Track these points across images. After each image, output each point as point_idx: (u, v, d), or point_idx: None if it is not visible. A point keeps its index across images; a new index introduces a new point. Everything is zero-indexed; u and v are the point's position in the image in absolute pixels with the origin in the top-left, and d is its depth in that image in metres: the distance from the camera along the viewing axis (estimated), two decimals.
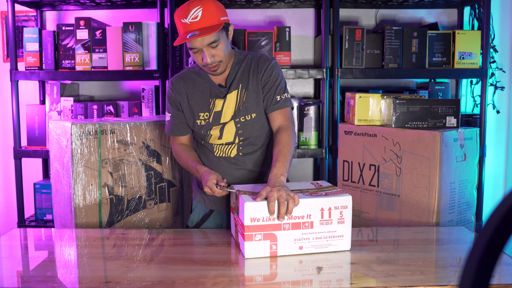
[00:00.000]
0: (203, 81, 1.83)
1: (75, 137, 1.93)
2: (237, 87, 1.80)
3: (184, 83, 1.84)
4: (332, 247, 1.53)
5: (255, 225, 1.47)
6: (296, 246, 1.50)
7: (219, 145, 1.83)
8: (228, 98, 1.80)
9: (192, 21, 1.63)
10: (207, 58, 1.68)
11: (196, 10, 1.63)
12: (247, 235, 1.47)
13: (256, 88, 1.80)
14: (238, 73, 1.81)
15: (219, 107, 1.80)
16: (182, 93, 1.83)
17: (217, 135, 1.82)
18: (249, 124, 1.80)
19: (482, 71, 2.70)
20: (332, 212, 1.52)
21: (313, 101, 2.78)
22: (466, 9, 3.01)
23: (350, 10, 3.03)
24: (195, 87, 1.83)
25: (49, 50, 2.74)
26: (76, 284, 1.36)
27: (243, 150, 1.83)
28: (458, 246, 1.71)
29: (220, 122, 1.81)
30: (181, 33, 1.68)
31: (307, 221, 1.50)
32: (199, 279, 1.35)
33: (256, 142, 1.84)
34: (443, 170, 2.03)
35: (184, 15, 1.64)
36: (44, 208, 2.85)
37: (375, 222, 2.25)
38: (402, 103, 2.17)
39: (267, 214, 1.47)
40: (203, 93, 1.82)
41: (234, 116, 1.80)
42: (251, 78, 1.80)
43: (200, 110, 1.82)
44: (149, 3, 2.88)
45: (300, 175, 3.11)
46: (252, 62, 1.82)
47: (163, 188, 2.24)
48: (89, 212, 1.97)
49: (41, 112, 2.79)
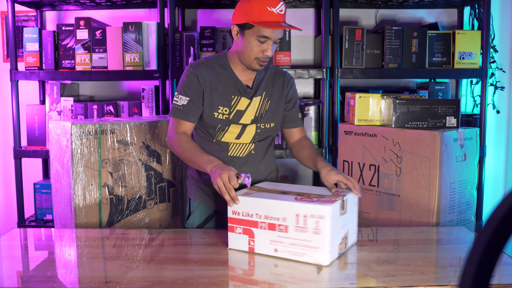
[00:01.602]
0: (227, 75, 1.81)
1: (75, 137, 1.93)
2: (261, 93, 1.84)
3: (210, 71, 1.80)
4: (307, 258, 1.43)
5: (236, 218, 1.53)
6: (272, 247, 1.49)
7: (235, 144, 1.83)
8: (254, 100, 1.82)
9: (279, 13, 1.70)
10: (270, 51, 1.73)
11: (282, 5, 1.72)
12: (230, 226, 1.54)
13: (279, 101, 1.88)
14: (264, 80, 1.85)
15: (243, 107, 1.81)
16: (207, 81, 1.78)
17: (236, 134, 1.82)
18: (267, 131, 1.86)
19: (482, 71, 2.70)
20: (308, 220, 1.42)
21: (313, 101, 2.78)
22: (466, 9, 3.01)
23: (350, 10, 3.03)
24: (219, 79, 1.80)
25: (49, 50, 2.74)
26: (76, 284, 1.36)
27: (255, 150, 1.86)
28: (458, 246, 1.71)
29: (239, 122, 1.80)
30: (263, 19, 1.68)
31: (282, 224, 1.46)
32: (199, 279, 1.35)
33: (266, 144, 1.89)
34: (443, 170, 2.03)
35: (273, 5, 1.69)
36: (44, 208, 2.85)
37: (375, 222, 2.25)
38: (402, 103, 2.17)
39: (246, 210, 1.50)
40: (226, 87, 1.80)
41: (255, 121, 1.82)
42: (275, 90, 1.87)
43: (221, 104, 1.79)
44: (149, 3, 2.88)
45: (300, 175, 3.11)
46: (276, 75, 1.89)
47: (163, 188, 2.24)
48: (89, 212, 1.97)
49: (41, 112, 2.79)
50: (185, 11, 3.04)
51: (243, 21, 1.71)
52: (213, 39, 2.71)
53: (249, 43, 1.72)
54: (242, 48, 1.74)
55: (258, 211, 1.49)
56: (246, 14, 1.69)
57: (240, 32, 1.74)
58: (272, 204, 1.47)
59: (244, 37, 1.73)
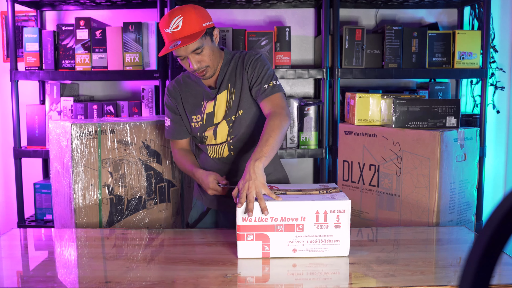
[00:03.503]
0: (196, 84, 1.88)
1: (75, 137, 1.93)
2: (226, 87, 1.83)
3: (178, 87, 1.90)
4: (328, 252, 1.48)
5: (247, 225, 1.46)
6: (290, 248, 1.48)
7: (212, 145, 1.87)
8: (218, 98, 1.83)
9: (174, 31, 1.67)
10: (194, 64, 1.72)
11: (177, 20, 1.66)
12: (239, 234, 1.47)
13: (243, 85, 1.81)
14: (227, 74, 1.84)
15: (210, 109, 1.85)
16: (177, 97, 1.89)
17: (212, 136, 1.86)
18: (238, 121, 1.83)
19: (482, 71, 2.70)
20: (328, 215, 1.47)
21: (313, 101, 2.78)
22: (466, 9, 3.01)
23: (350, 10, 3.03)
24: (189, 91, 1.88)
25: (49, 50, 2.74)
26: (76, 284, 1.36)
27: (234, 149, 1.85)
28: (458, 246, 1.70)
29: (213, 123, 1.85)
30: (166, 42, 1.73)
31: (301, 224, 1.47)
32: (199, 279, 1.35)
33: (246, 140, 1.85)
34: (443, 170, 2.03)
35: (166, 25, 1.69)
36: (44, 208, 2.85)
37: (375, 222, 2.25)
38: (402, 103, 2.17)
39: (260, 215, 1.46)
40: (196, 97, 1.87)
41: (225, 116, 1.83)
42: (238, 76, 1.83)
43: (193, 113, 1.87)
44: (149, 3, 2.88)
45: (300, 175, 3.11)
46: (238, 60, 1.84)
47: (163, 188, 2.24)
48: (89, 212, 1.97)
49: (41, 112, 2.79)
50: None
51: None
52: None
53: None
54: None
55: (274, 214, 1.47)
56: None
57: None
58: (291, 205, 1.47)
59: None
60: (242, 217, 1.46)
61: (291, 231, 1.47)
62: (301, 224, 1.47)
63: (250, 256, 1.48)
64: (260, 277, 1.43)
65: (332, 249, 1.49)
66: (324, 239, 1.48)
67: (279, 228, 1.47)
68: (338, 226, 1.48)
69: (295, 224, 1.47)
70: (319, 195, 1.55)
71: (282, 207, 1.47)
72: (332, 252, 1.49)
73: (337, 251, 1.49)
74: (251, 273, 1.44)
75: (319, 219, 1.47)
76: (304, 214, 1.47)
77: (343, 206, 1.47)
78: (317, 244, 1.48)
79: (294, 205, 1.47)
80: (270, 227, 1.47)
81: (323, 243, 1.48)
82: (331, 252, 1.49)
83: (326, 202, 1.47)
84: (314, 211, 1.47)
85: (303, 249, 1.48)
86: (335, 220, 1.47)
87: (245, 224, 1.47)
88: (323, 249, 1.48)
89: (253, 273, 1.44)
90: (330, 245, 1.48)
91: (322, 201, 1.48)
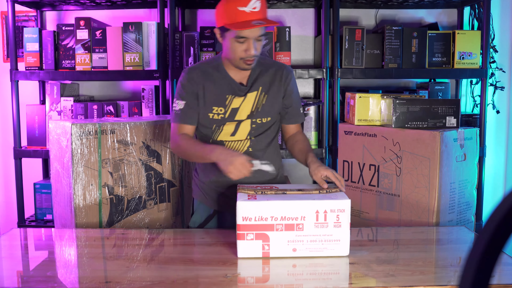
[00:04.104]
0: (221, 76, 1.84)
1: (75, 137, 1.93)
2: (257, 88, 1.84)
3: (202, 75, 1.84)
4: (328, 251, 1.49)
5: (247, 224, 1.47)
6: (290, 248, 1.48)
7: (231, 141, 1.84)
8: (248, 97, 1.83)
9: (252, 11, 1.68)
10: (254, 49, 1.72)
11: (256, 1, 1.68)
12: (239, 234, 1.48)
13: (277, 95, 1.87)
14: (259, 75, 1.85)
15: (237, 104, 1.83)
16: (199, 83, 1.83)
17: (231, 131, 1.84)
18: (263, 126, 1.86)
19: (482, 71, 2.70)
20: (328, 215, 1.47)
21: (313, 101, 2.78)
22: (466, 9, 3.01)
23: (350, 10, 3.03)
24: (212, 80, 1.84)
25: (49, 50, 2.74)
26: (76, 284, 1.36)
27: (253, 147, 1.85)
28: (458, 246, 1.71)
29: (234, 119, 1.83)
30: (235, 20, 1.68)
31: (301, 223, 1.47)
32: (199, 279, 1.35)
33: (264, 141, 1.88)
34: (443, 170, 2.03)
35: (243, 4, 1.67)
36: (44, 208, 2.85)
37: (375, 222, 2.25)
38: (402, 103, 2.17)
39: (260, 214, 1.46)
40: (220, 88, 1.83)
41: (251, 116, 1.83)
42: (274, 84, 1.86)
43: (214, 104, 1.83)
44: (149, 3, 2.88)
45: (301, 175, 3.11)
46: (275, 69, 1.88)
47: (163, 188, 2.24)
48: (89, 212, 1.97)
49: (41, 112, 2.79)
50: (185, 11, 3.04)
51: (220, 24, 1.74)
52: (213, 39, 2.70)
53: (231, 44, 1.74)
54: (227, 50, 1.78)
55: (274, 213, 1.47)
56: (222, 17, 1.73)
57: (221, 35, 1.77)
58: (290, 204, 1.47)
59: (225, 40, 1.76)
60: (242, 216, 1.47)
61: (291, 231, 1.47)
62: (301, 223, 1.47)
63: (250, 256, 1.48)
64: (260, 277, 1.43)
65: (332, 249, 1.49)
66: (324, 238, 1.48)
67: (279, 228, 1.47)
68: (338, 225, 1.48)
69: (295, 224, 1.47)
70: (319, 195, 1.55)
71: (282, 207, 1.47)
72: (332, 251, 1.49)
73: (337, 251, 1.49)
74: (251, 273, 1.44)
75: (319, 219, 1.47)
76: (304, 213, 1.47)
77: (343, 205, 1.48)
78: (317, 244, 1.48)
79: (294, 204, 1.47)
80: (270, 226, 1.47)
81: (323, 243, 1.48)
82: (331, 252, 1.49)
83: (326, 201, 1.48)
84: (314, 210, 1.47)
85: (303, 248, 1.48)
86: (335, 220, 1.47)
87: (245, 223, 1.47)
88: (323, 248, 1.48)
89: (253, 273, 1.44)
90: (330, 245, 1.48)
91: (322, 200, 1.48)
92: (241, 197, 1.51)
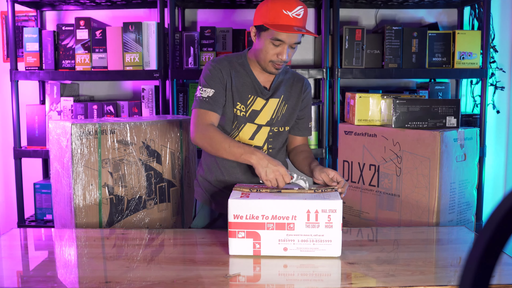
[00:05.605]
0: (246, 74, 1.82)
1: (75, 137, 1.93)
2: (279, 96, 1.84)
3: (230, 67, 1.81)
4: (319, 252, 1.47)
5: (238, 222, 1.47)
6: (281, 247, 1.47)
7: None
8: (270, 102, 1.83)
9: (295, 17, 1.68)
10: (287, 55, 1.73)
11: (300, 9, 1.69)
12: (231, 231, 1.48)
13: (295, 106, 1.89)
14: (282, 83, 1.86)
15: (258, 107, 1.82)
16: (229, 76, 1.79)
17: (250, 134, 1.82)
18: (279, 135, 1.87)
19: (482, 71, 2.70)
20: (319, 215, 1.45)
21: (313, 101, 2.78)
22: (466, 9, 3.01)
23: (350, 10, 3.03)
24: (238, 76, 1.81)
25: (49, 50, 2.74)
26: (76, 284, 1.36)
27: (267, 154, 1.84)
28: (458, 246, 1.71)
29: (254, 121, 1.82)
30: (277, 22, 1.68)
31: (292, 222, 1.46)
32: (199, 279, 1.35)
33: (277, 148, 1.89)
34: (443, 170, 2.03)
35: (289, 8, 1.67)
36: (44, 208, 2.85)
37: (375, 222, 2.25)
38: (402, 103, 2.17)
39: (251, 212, 1.46)
40: (244, 86, 1.81)
41: (271, 124, 1.83)
42: (293, 95, 1.88)
43: (238, 100, 1.80)
44: (149, 3, 2.88)
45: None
46: (295, 80, 1.90)
47: (163, 188, 2.24)
48: (89, 212, 1.97)
49: (41, 112, 2.79)
50: (185, 11, 3.04)
51: (259, 22, 1.72)
52: (213, 39, 2.70)
53: (264, 45, 1.72)
54: (258, 49, 1.76)
55: (265, 212, 1.47)
56: (263, 16, 1.71)
57: (257, 34, 1.75)
58: (281, 203, 1.46)
59: (260, 39, 1.74)
60: (234, 214, 1.47)
61: (282, 230, 1.47)
62: (292, 223, 1.46)
63: (241, 254, 1.49)
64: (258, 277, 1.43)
65: (323, 249, 1.47)
66: (315, 238, 1.46)
67: (270, 226, 1.47)
68: (330, 226, 1.46)
69: (286, 223, 1.46)
70: (312, 194, 1.54)
71: (273, 205, 1.47)
72: (323, 252, 1.47)
73: (328, 251, 1.47)
74: (252, 273, 1.44)
75: (310, 219, 1.46)
76: (295, 213, 1.46)
77: (335, 206, 1.46)
78: (308, 244, 1.47)
79: (285, 203, 1.46)
80: (261, 225, 1.47)
81: (314, 243, 1.46)
82: (322, 252, 1.47)
83: (317, 201, 1.46)
84: (305, 210, 1.46)
85: (294, 248, 1.47)
86: (326, 220, 1.46)
87: (236, 221, 1.47)
88: (314, 248, 1.47)
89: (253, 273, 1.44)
90: (321, 245, 1.47)
91: (313, 200, 1.47)
92: (234, 195, 1.51)
